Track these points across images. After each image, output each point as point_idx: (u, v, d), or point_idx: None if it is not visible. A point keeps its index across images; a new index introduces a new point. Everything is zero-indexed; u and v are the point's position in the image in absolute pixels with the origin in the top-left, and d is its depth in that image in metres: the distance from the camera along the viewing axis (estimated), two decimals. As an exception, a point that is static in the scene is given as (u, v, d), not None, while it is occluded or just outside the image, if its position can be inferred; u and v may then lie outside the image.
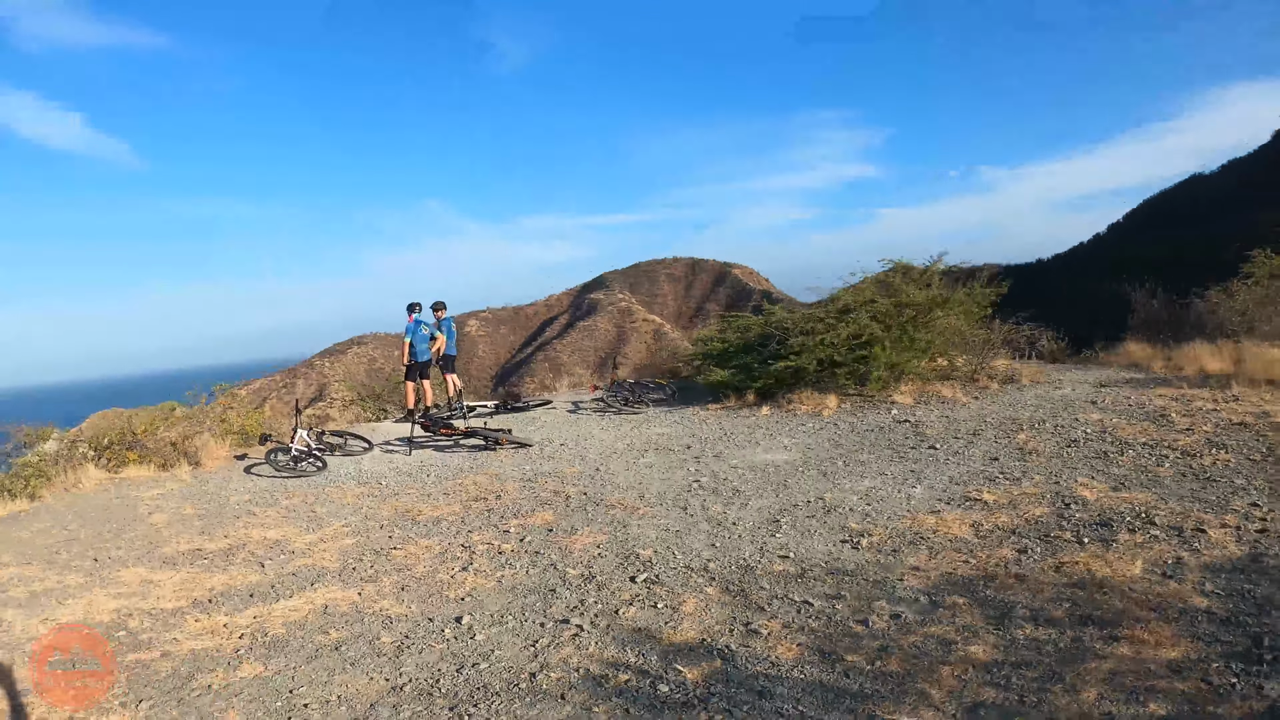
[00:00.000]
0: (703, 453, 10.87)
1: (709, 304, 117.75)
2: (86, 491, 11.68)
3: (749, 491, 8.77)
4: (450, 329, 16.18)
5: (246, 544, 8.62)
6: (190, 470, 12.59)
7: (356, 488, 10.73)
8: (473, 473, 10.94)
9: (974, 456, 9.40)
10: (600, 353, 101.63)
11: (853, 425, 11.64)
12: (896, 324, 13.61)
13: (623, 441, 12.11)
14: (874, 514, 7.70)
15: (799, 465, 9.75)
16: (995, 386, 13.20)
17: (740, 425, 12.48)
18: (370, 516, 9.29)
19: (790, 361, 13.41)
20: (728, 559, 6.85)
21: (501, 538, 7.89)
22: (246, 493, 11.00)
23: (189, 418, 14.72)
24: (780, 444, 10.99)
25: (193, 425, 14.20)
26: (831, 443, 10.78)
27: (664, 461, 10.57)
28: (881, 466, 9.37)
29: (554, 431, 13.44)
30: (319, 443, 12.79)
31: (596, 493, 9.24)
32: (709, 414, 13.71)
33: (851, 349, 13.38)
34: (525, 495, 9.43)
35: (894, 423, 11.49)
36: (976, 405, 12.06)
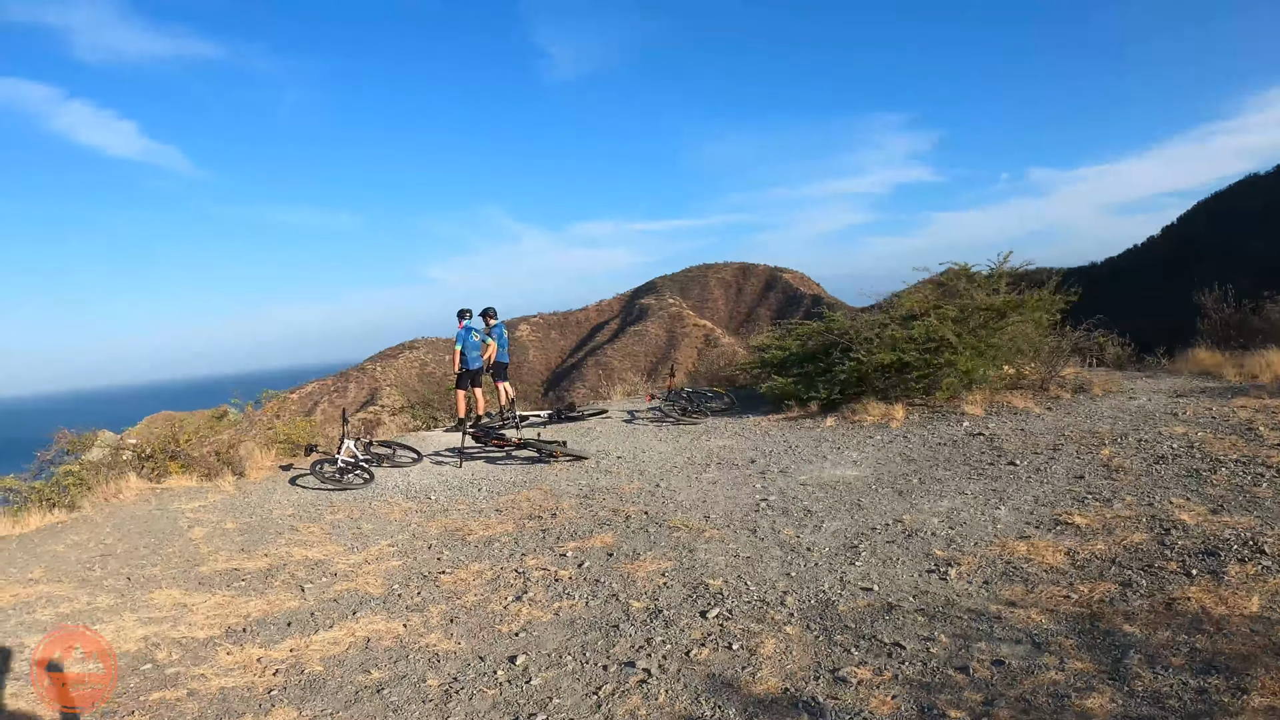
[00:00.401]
0: (768, 468, 10.18)
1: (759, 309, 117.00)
2: (127, 502, 11.32)
3: (821, 512, 8.07)
4: (502, 336, 15.67)
5: (287, 564, 8.13)
6: (234, 480, 12.19)
7: (404, 502, 10.21)
8: (526, 487, 10.37)
9: (1057, 474, 8.62)
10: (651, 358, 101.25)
11: (923, 438, 10.89)
12: (968, 329, 12.82)
13: (683, 455, 11.46)
14: (959, 539, 6.97)
15: (871, 482, 9.03)
16: (1068, 396, 12.37)
17: (805, 437, 11.77)
18: (418, 535, 8.74)
19: (859, 360, 12.68)
20: (806, 591, 6.16)
21: (558, 562, 7.27)
22: (290, 506, 10.54)
23: (234, 425, 14.37)
24: (849, 458, 10.27)
25: (238, 433, 13.84)
26: (903, 457, 10.04)
27: (728, 477, 9.90)
28: (960, 484, 8.62)
29: (610, 443, 12.83)
30: (366, 453, 12.33)
31: (658, 512, 8.59)
32: (771, 425, 13.01)
33: (922, 355, 12.62)
34: (582, 514, 8.81)
35: (967, 436, 10.72)
36: (1051, 417, 11.25)
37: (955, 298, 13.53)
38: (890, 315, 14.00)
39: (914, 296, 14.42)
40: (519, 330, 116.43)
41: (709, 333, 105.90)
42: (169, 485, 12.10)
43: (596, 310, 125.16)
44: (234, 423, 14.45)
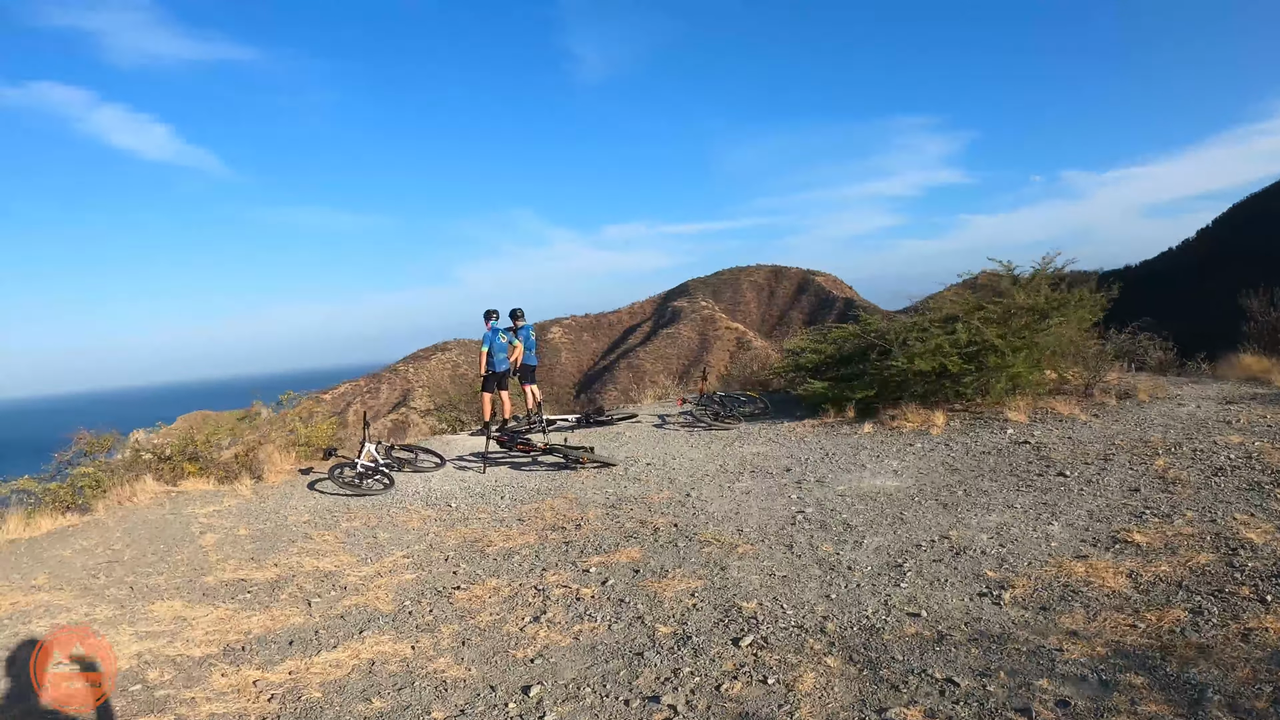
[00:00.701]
0: (804, 477, 9.63)
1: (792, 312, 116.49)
2: (141, 505, 11.02)
3: (861, 526, 7.51)
4: (529, 337, 15.23)
5: (296, 575, 7.72)
6: (251, 484, 11.85)
7: (423, 510, 9.79)
8: (551, 495, 9.90)
9: (1110, 486, 8.03)
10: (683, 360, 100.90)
11: (966, 446, 10.30)
12: (1010, 332, 12.20)
13: (714, 462, 10.93)
14: (1011, 558, 6.40)
15: (913, 494, 8.46)
16: (1114, 403, 11.73)
17: (842, 444, 11.20)
18: (435, 545, 8.30)
19: (899, 363, 12.10)
20: (847, 616, 5.61)
21: (580, 579, 6.76)
22: (306, 512, 10.17)
23: (255, 427, 14.04)
24: (889, 467, 9.71)
25: (258, 436, 13.51)
26: (946, 467, 9.47)
27: (762, 487, 9.36)
28: (1008, 497, 8.03)
29: (639, 449, 12.33)
30: (387, 458, 11.93)
31: (688, 524, 8.07)
32: (806, 430, 12.45)
33: (964, 360, 12.03)
34: (608, 525, 8.30)
35: (1012, 444, 10.12)
36: (1099, 424, 10.63)
37: (996, 298, 12.93)
38: (929, 318, 13.41)
39: (954, 298, 13.81)
40: (551, 332, 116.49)
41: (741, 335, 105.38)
42: (185, 489, 11.79)
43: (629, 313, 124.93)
44: (255, 424, 14.12)
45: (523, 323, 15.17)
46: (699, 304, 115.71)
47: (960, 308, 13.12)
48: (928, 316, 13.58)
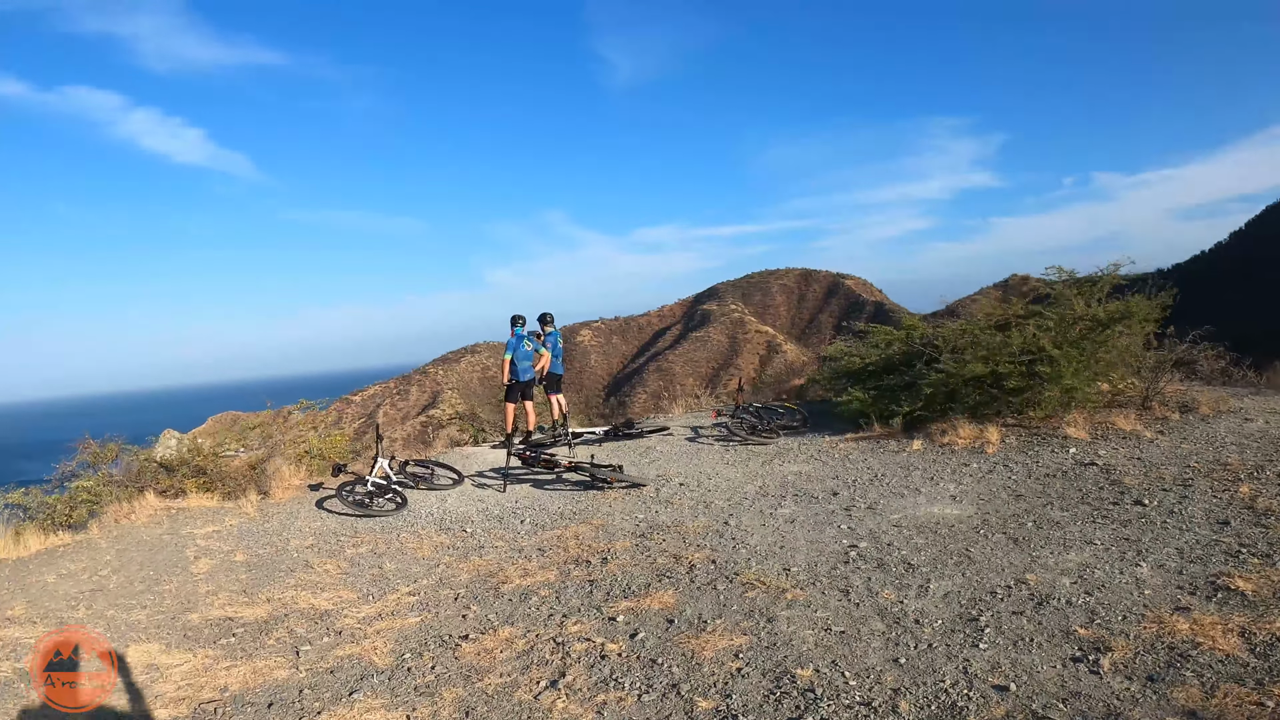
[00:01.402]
0: (853, 502, 8.70)
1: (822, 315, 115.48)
2: (138, 524, 10.27)
3: (924, 565, 6.55)
4: (557, 344, 14.38)
5: (289, 614, 6.91)
6: (257, 501, 11.09)
7: (436, 535, 8.97)
8: (575, 520, 9.03)
9: (1196, 518, 7.07)
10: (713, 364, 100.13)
11: (1027, 467, 9.34)
12: (1067, 341, 11.22)
13: (753, 483, 10.01)
14: (1102, 610, 5.43)
15: (977, 525, 7.51)
16: (1176, 417, 10.79)
17: (890, 463, 10.26)
18: (445, 580, 7.44)
19: (947, 371, 11.14)
20: (922, 690, 4.65)
21: (606, 630, 5.85)
22: (310, 535, 9.39)
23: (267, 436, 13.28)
24: (945, 491, 8.76)
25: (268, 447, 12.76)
26: (1009, 492, 8.51)
27: (807, 514, 8.43)
28: (1085, 531, 7.06)
29: (671, 465, 11.44)
30: (401, 473, 11.13)
31: (727, 559, 7.14)
32: (850, 447, 11.51)
33: (1018, 368, 11.06)
34: (638, 560, 7.38)
35: (1077, 465, 9.17)
36: (1167, 443, 9.67)
37: (1052, 305, 11.94)
38: (979, 324, 12.44)
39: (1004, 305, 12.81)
40: (580, 335, 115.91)
41: (771, 339, 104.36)
42: (187, 505, 11.03)
43: (659, 316, 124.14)
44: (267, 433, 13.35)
45: (551, 328, 14.34)
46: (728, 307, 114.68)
47: (1013, 313, 12.15)
48: (977, 323, 12.61)
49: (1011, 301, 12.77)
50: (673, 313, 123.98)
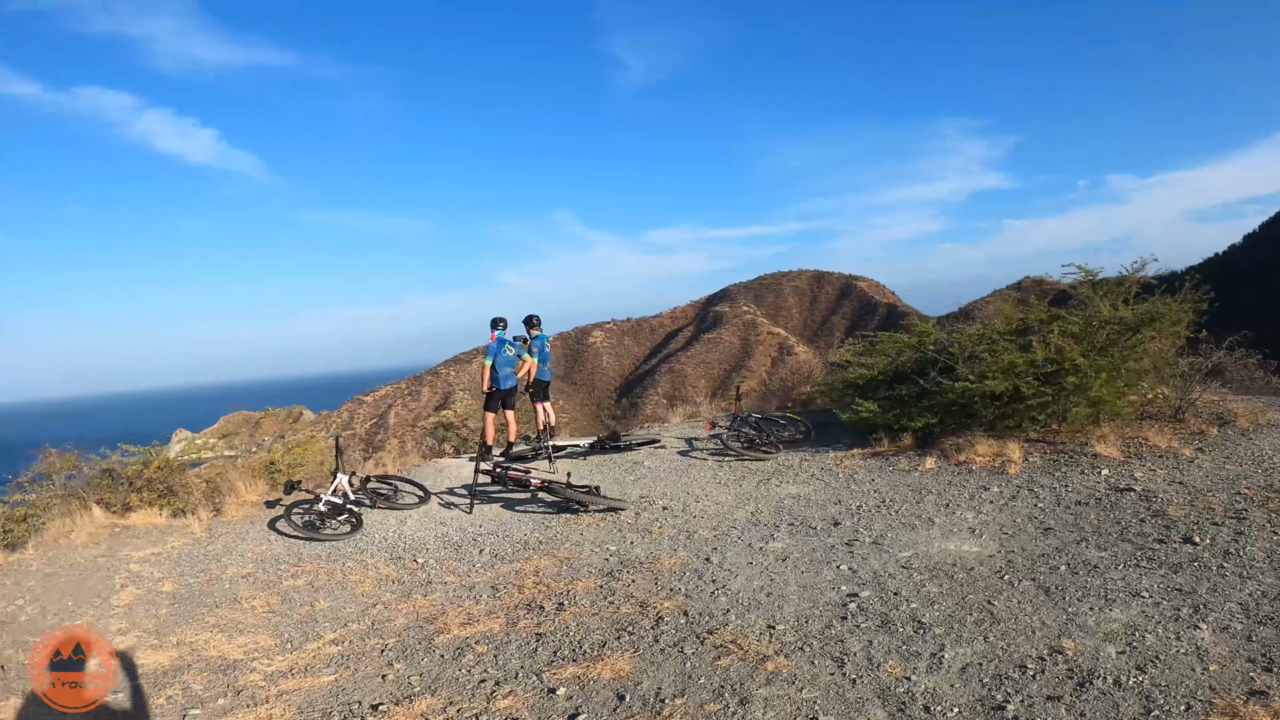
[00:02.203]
0: (856, 534, 7.63)
1: (834, 317, 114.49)
2: (76, 544, 9.26)
3: (938, 624, 5.46)
4: (544, 349, 13.34)
5: (191, 664, 5.96)
6: (208, 519, 10.09)
7: (383, 566, 7.98)
8: (539, 551, 7.99)
9: (1256, 560, 6.01)
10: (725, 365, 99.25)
11: (1055, 492, 8.26)
12: (1093, 347, 10.14)
13: (745, 508, 8.95)
14: (1159, 694, 4.35)
15: (1001, 568, 6.43)
16: (1213, 431, 9.74)
17: (900, 486, 9.20)
18: (377, 625, 6.44)
19: (967, 384, 10.03)
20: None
21: (541, 707, 4.76)
22: (251, 561, 8.43)
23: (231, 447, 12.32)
24: (963, 522, 7.70)
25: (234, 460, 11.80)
26: (1035, 523, 7.44)
27: (803, 549, 7.34)
28: (1128, 578, 5.98)
29: (657, 484, 10.38)
30: (362, 491, 10.13)
31: (702, 610, 6.05)
32: (855, 464, 10.44)
33: (1041, 379, 9.99)
34: (598, 607, 6.31)
35: (1112, 490, 8.08)
36: (1209, 462, 8.60)
37: (1076, 308, 10.84)
38: (997, 328, 11.33)
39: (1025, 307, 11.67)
40: (592, 336, 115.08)
41: (783, 341, 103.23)
42: (132, 523, 10.04)
43: (670, 317, 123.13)
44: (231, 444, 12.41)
45: (538, 332, 13.32)
46: (740, 309, 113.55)
47: (1033, 317, 11.05)
48: (995, 327, 11.50)
49: (1031, 304, 11.64)
50: (685, 314, 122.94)
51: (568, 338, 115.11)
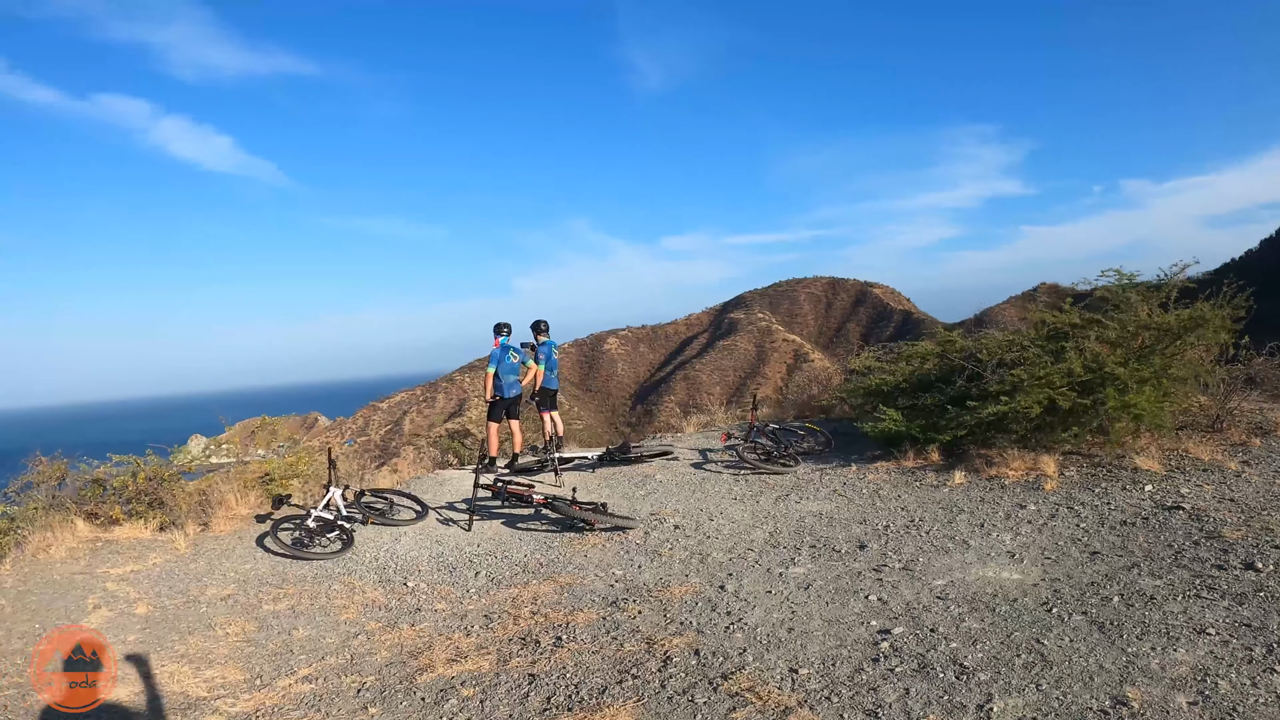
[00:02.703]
0: (885, 559, 6.97)
1: (849, 324, 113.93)
2: (55, 559, 8.75)
3: (982, 668, 4.79)
4: (551, 356, 12.73)
5: (150, 700, 5.36)
6: (195, 533, 9.54)
7: (371, 589, 7.38)
8: (539, 576, 7.37)
9: None
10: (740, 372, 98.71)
11: (1098, 511, 7.60)
12: (1134, 357, 9.47)
13: (763, 527, 8.30)
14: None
15: (1047, 599, 5.77)
16: (1257, 443, 9.14)
17: (929, 503, 8.55)
18: (357, 660, 5.84)
19: (1002, 405, 9.35)
20: None
21: (534, 762, 4.19)
22: (233, 582, 7.88)
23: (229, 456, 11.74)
24: (1000, 545, 7.04)
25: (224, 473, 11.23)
26: (1081, 547, 6.77)
27: (827, 576, 6.68)
28: (1190, 610, 5.32)
29: (668, 500, 9.75)
30: (355, 506, 9.55)
31: (716, 648, 5.41)
32: (880, 478, 9.80)
33: (1076, 389, 9.32)
34: (599, 643, 5.67)
35: (1159, 509, 7.43)
36: (1258, 477, 8.02)
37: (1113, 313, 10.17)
38: (1027, 335, 10.66)
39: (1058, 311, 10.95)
40: (607, 344, 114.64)
41: (798, 348, 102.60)
42: (115, 536, 9.50)
43: (686, 324, 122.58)
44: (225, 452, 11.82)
45: (545, 338, 12.72)
46: (755, 316, 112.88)
47: (1066, 323, 10.37)
48: (1025, 333, 10.82)
49: (1064, 308, 10.92)
50: (700, 321, 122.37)
51: (583, 345, 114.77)
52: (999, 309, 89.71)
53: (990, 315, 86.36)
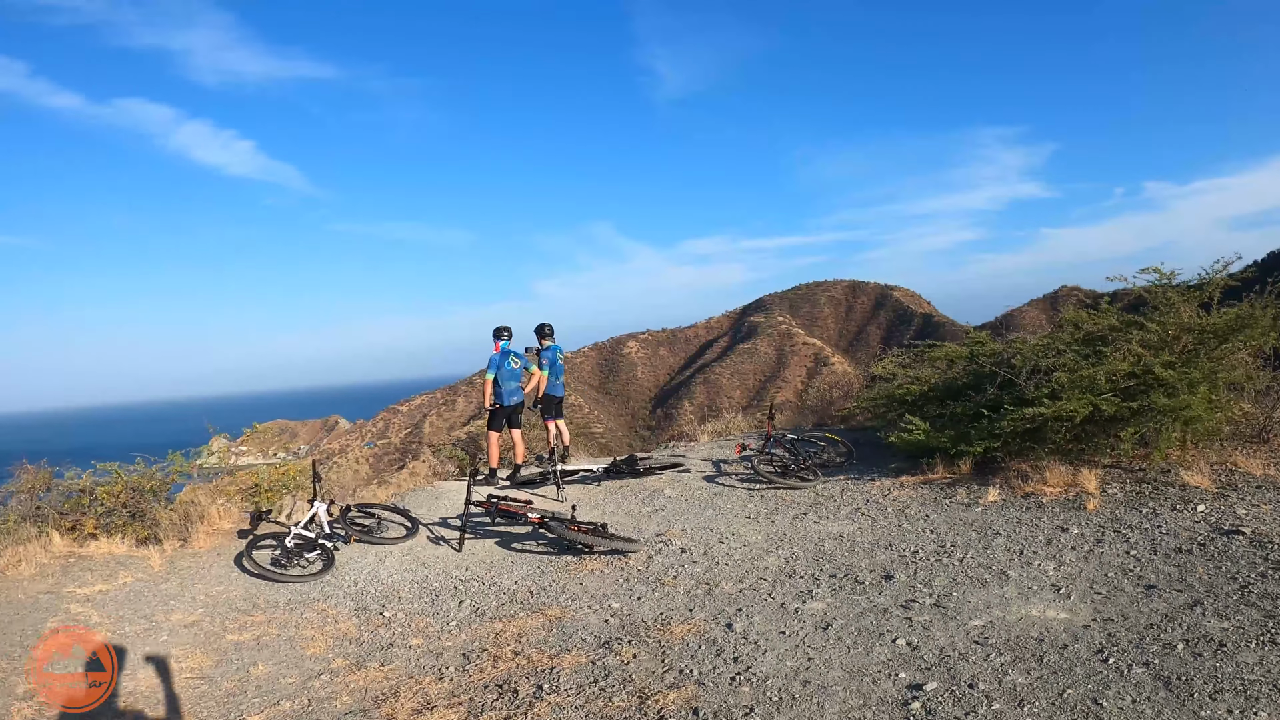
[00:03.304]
0: (914, 592, 6.21)
1: (869, 327, 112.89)
2: (23, 576, 8.10)
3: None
4: (556, 361, 12.01)
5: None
6: (173, 549, 8.92)
7: (344, 619, 6.71)
8: (527, 607, 6.65)
9: None
10: (760, 376, 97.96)
11: (1149, 536, 6.81)
12: (1180, 361, 8.68)
13: (778, 551, 7.56)
14: None
15: (1101, 644, 5.00)
16: None
17: (961, 524, 7.78)
18: (314, 707, 5.17)
19: (1043, 408, 8.56)
20: None
21: None
22: (200, 607, 7.25)
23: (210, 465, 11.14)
24: (1043, 576, 6.27)
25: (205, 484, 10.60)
26: (1133, 579, 6.00)
27: (849, 614, 5.93)
28: (1265, 660, 4.54)
29: (676, 518, 9.03)
30: (340, 522, 8.90)
31: (718, 707, 4.61)
32: (906, 495, 9.05)
33: (1123, 400, 8.54)
34: (586, 696, 4.92)
35: (1214, 531, 6.64)
36: None
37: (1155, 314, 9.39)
38: (1062, 338, 9.86)
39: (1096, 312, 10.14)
40: (627, 347, 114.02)
41: (818, 351, 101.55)
42: (90, 552, 8.87)
43: (705, 328, 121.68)
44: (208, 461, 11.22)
45: (550, 342, 12.00)
46: (775, 319, 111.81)
47: (1104, 324, 9.59)
48: (1060, 336, 10.01)
49: (1102, 308, 10.10)
50: (720, 324, 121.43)
51: (603, 348, 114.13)
52: (1021, 311, 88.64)
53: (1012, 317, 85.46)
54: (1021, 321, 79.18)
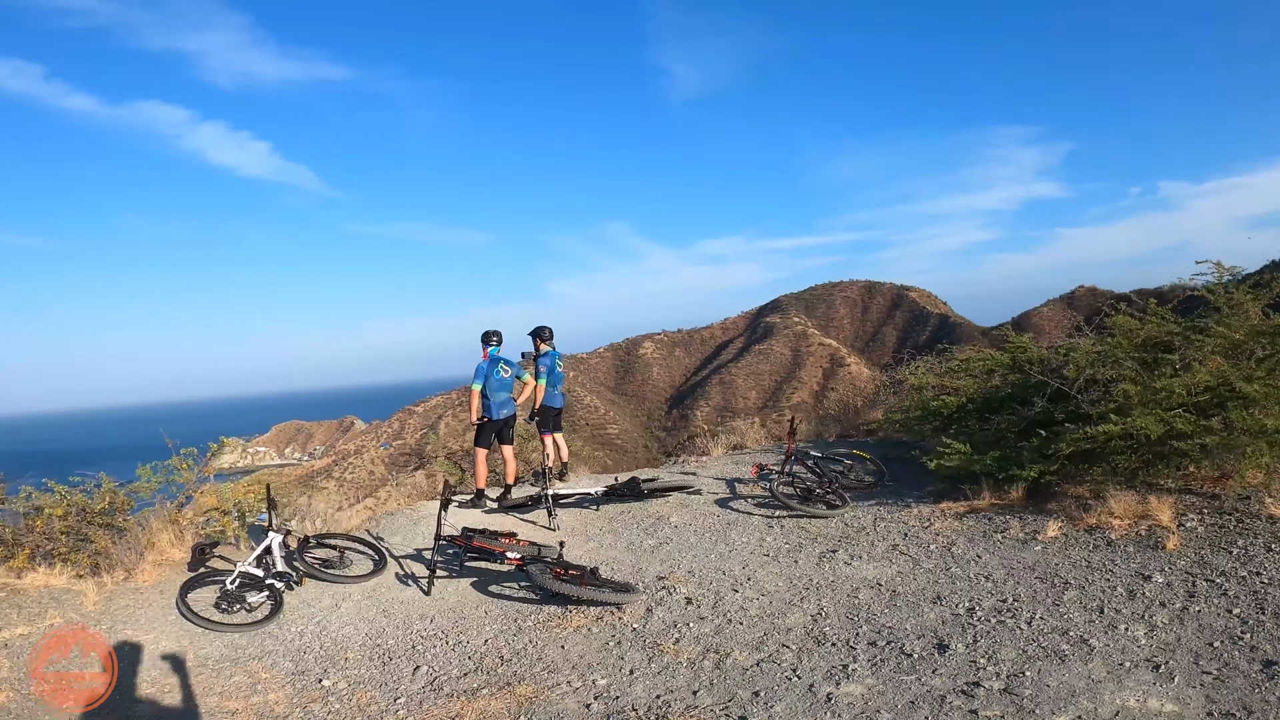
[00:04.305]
0: (977, 670, 4.97)
1: (885, 328, 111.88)
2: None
3: None
4: (554, 368, 10.76)
5: None
6: (112, 584, 7.75)
7: (275, 688, 5.55)
8: (493, 682, 5.41)
9: None
10: (776, 377, 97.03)
11: (1247, 586, 5.60)
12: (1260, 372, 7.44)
13: (802, 606, 6.31)
14: None
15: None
16: None
17: (1019, 567, 6.56)
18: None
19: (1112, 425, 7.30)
20: None
21: None
22: (126, 658, 6.09)
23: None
24: (1133, 644, 5.06)
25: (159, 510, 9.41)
26: (1245, 650, 4.82)
27: (895, 701, 4.64)
28: None
29: (682, 555, 7.80)
30: (295, 557, 7.71)
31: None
32: (949, 526, 7.82)
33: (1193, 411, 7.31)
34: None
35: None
36: None
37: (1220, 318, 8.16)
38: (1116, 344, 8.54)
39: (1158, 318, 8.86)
40: (643, 348, 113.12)
41: (834, 352, 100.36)
42: (25, 585, 7.73)
43: (721, 328, 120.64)
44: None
45: (548, 348, 10.77)
46: (791, 320, 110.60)
47: (1164, 330, 8.35)
48: (1112, 342, 8.71)
49: (1159, 313, 8.82)
50: (735, 325, 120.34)
51: (618, 349, 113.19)
52: (1037, 311, 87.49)
53: (1029, 318, 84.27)
54: (1039, 321, 77.88)
